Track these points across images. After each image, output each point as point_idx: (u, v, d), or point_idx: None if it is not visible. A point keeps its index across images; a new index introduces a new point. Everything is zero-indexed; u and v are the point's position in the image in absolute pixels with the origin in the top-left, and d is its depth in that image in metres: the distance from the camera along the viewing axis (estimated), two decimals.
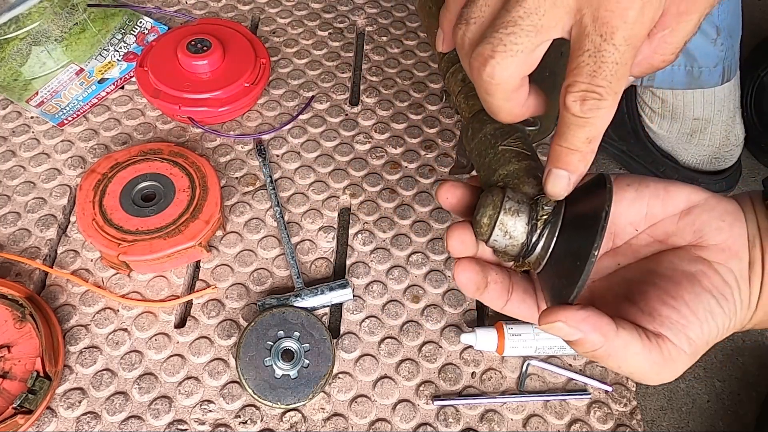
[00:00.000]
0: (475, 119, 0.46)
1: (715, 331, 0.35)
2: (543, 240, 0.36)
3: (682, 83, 0.67)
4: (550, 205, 0.36)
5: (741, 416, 0.63)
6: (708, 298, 0.35)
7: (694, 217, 0.38)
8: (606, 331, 0.33)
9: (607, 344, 0.33)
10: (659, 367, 0.34)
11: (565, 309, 0.33)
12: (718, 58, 0.66)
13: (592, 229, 0.33)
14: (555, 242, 0.36)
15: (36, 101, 0.75)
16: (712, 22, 0.64)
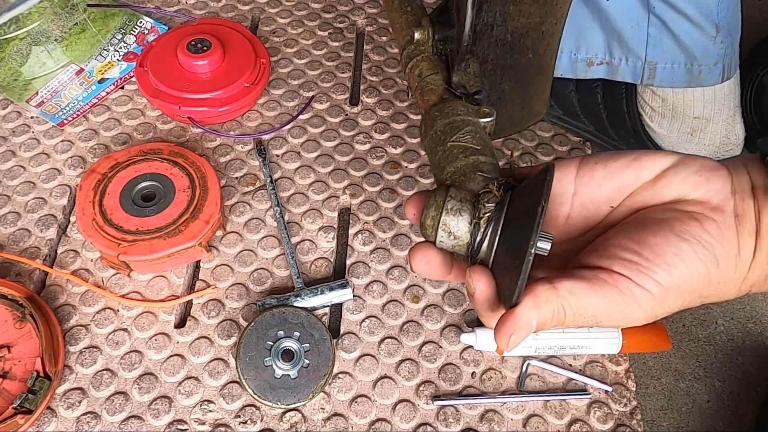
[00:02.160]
0: (428, 115, 0.45)
1: (688, 275, 0.34)
2: (487, 239, 0.35)
3: (683, 81, 0.67)
4: (492, 202, 0.35)
5: (741, 416, 0.63)
6: (677, 241, 0.34)
7: (669, 177, 0.37)
8: (544, 296, 0.33)
9: (555, 303, 0.34)
10: (621, 306, 0.34)
11: (510, 318, 0.34)
12: (718, 56, 0.66)
13: (530, 223, 0.32)
14: (498, 240, 0.35)
15: (36, 101, 0.75)
16: (712, 19, 0.64)
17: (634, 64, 0.68)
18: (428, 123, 0.45)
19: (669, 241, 0.34)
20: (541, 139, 0.76)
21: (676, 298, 0.34)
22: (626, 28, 0.66)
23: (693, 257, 0.34)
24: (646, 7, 0.64)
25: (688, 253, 0.34)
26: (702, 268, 0.34)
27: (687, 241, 0.34)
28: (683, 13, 0.63)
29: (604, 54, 0.69)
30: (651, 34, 0.66)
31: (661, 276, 0.34)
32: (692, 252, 0.34)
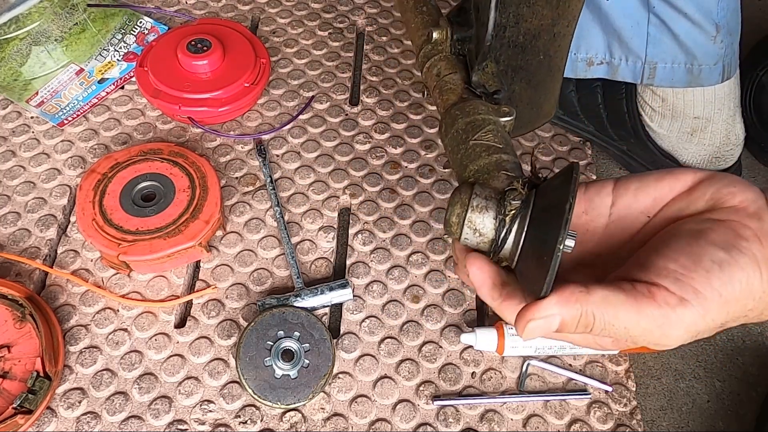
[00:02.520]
0: (448, 114, 0.45)
1: (729, 283, 0.32)
2: (512, 235, 0.35)
3: (683, 81, 0.67)
4: (518, 199, 0.35)
5: (741, 416, 0.63)
6: (714, 250, 0.33)
7: (704, 187, 0.36)
8: (575, 297, 0.33)
9: (585, 308, 0.33)
10: (658, 320, 0.32)
11: (532, 306, 0.33)
12: (718, 56, 0.66)
13: (557, 222, 0.32)
14: (525, 237, 0.35)
15: (36, 101, 0.75)
16: (712, 19, 0.64)
17: (634, 64, 0.68)
18: (449, 122, 0.45)
19: (705, 250, 0.33)
20: (541, 139, 0.76)
21: (719, 309, 0.33)
22: (626, 27, 0.66)
23: (732, 264, 0.33)
24: (647, 6, 0.64)
25: (727, 260, 0.33)
26: (743, 275, 0.33)
27: (724, 249, 0.33)
28: (683, 12, 0.63)
29: (604, 54, 0.69)
30: (651, 34, 0.66)
31: (700, 284, 0.33)
32: (731, 259, 0.33)
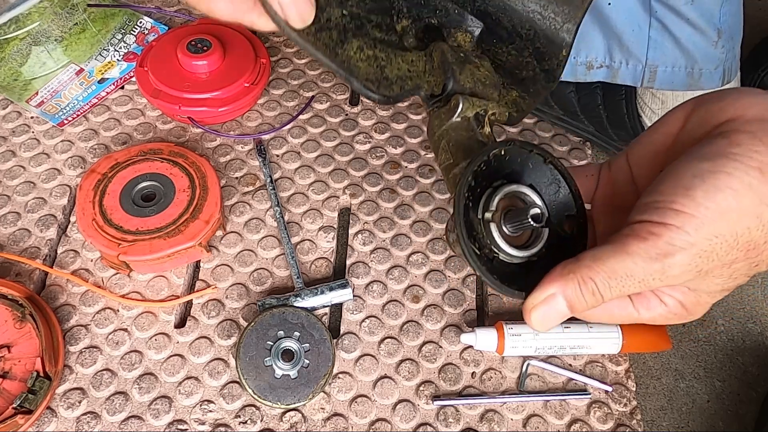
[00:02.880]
0: (447, 172, 0.46)
1: (719, 193, 0.30)
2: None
3: (683, 84, 0.67)
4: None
5: (741, 416, 0.63)
6: (697, 163, 0.31)
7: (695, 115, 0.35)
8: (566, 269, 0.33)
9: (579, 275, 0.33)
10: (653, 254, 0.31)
11: (529, 297, 0.34)
12: (719, 60, 0.66)
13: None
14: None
15: (36, 101, 0.75)
16: (714, 24, 0.64)
17: (635, 67, 0.68)
18: (451, 180, 0.46)
19: (688, 167, 0.31)
20: (541, 140, 0.76)
21: (715, 222, 0.30)
22: (627, 31, 0.66)
23: (717, 172, 0.30)
24: (648, 10, 0.64)
25: (710, 169, 0.30)
26: (733, 181, 0.30)
27: (708, 160, 0.31)
28: (685, 17, 0.63)
29: (604, 57, 0.69)
30: (652, 38, 0.66)
31: (681, 203, 0.30)
32: (715, 167, 0.30)
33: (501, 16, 0.57)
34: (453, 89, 0.48)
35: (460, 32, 0.56)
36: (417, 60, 0.52)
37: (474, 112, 0.46)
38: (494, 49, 0.57)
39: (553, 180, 0.38)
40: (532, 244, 0.37)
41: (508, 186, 0.37)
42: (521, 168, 0.38)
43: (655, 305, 0.36)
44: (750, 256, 0.32)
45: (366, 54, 0.50)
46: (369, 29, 0.52)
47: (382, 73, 0.50)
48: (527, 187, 0.37)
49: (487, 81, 0.49)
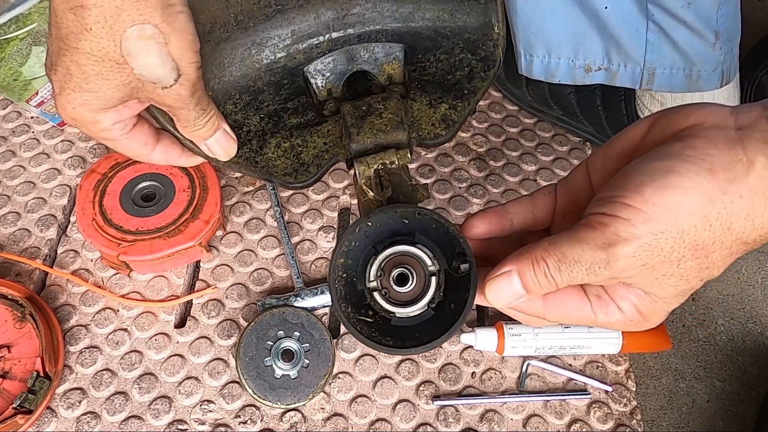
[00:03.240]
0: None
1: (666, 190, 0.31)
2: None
3: (681, 87, 0.67)
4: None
5: (741, 416, 0.63)
6: (650, 163, 0.32)
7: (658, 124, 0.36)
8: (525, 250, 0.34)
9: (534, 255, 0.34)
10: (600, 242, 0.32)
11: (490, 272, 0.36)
12: (717, 62, 0.66)
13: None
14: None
15: (36, 101, 0.75)
16: (712, 27, 0.64)
17: (633, 70, 0.68)
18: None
19: (640, 168, 0.32)
20: (541, 140, 0.76)
21: (663, 219, 0.31)
22: (624, 34, 0.66)
23: (667, 171, 0.31)
24: (645, 14, 0.64)
25: (660, 168, 0.31)
26: (685, 180, 0.31)
27: (661, 160, 0.32)
28: (682, 20, 0.63)
29: (603, 60, 0.69)
30: (650, 41, 0.66)
31: (631, 198, 0.31)
32: (666, 166, 0.31)
33: (418, 30, 0.57)
34: (355, 150, 0.49)
35: (386, 63, 0.56)
36: (333, 128, 0.54)
37: (373, 170, 0.47)
38: (422, 63, 0.57)
39: (437, 225, 0.39)
40: (422, 295, 0.39)
41: (384, 251, 0.39)
42: (402, 222, 0.39)
43: (612, 310, 0.36)
44: (698, 256, 0.32)
45: (283, 148, 0.53)
46: (286, 119, 0.55)
47: (299, 160, 0.53)
48: (409, 244, 0.39)
49: (389, 126, 0.49)
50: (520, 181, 0.72)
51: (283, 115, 0.55)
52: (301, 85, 0.56)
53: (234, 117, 0.53)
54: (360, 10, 0.56)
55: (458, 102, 0.55)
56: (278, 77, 0.55)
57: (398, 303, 0.39)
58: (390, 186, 0.45)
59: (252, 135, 0.53)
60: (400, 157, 0.47)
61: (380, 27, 0.57)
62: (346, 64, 0.56)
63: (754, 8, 0.93)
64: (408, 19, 0.57)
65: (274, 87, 0.55)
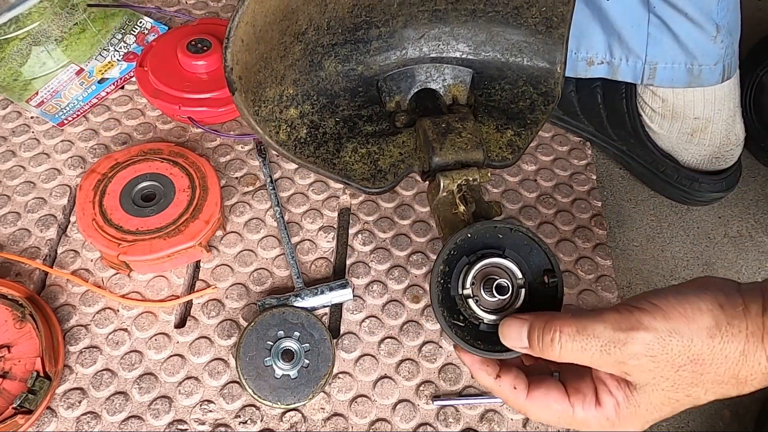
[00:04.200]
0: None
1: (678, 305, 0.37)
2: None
3: (683, 81, 0.67)
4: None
5: (741, 416, 0.63)
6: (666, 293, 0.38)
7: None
8: (547, 315, 0.39)
9: (552, 323, 0.38)
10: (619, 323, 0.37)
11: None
12: (719, 56, 0.66)
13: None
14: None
15: (36, 101, 0.75)
16: (712, 19, 0.64)
17: (635, 64, 0.68)
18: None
19: (663, 289, 0.38)
20: (541, 140, 0.76)
21: (683, 323, 0.36)
22: (626, 27, 0.66)
23: (690, 295, 0.37)
24: (647, 6, 0.64)
25: (684, 291, 0.37)
26: (702, 304, 0.36)
27: (682, 287, 0.39)
28: (683, 12, 0.63)
29: (605, 54, 0.69)
30: (651, 34, 0.66)
31: (657, 300, 0.37)
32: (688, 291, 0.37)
33: (487, 59, 0.62)
34: (437, 164, 0.52)
35: (453, 85, 0.59)
36: (407, 139, 0.57)
37: (456, 184, 0.51)
38: (488, 90, 0.61)
39: (528, 241, 0.43)
40: (510, 305, 0.42)
41: (481, 261, 0.42)
42: (497, 237, 0.43)
43: (589, 404, 0.40)
44: (695, 369, 0.36)
45: (360, 153, 0.56)
46: (361, 126, 0.57)
47: (376, 167, 0.56)
48: (499, 257, 0.42)
49: (469, 146, 0.53)
50: (520, 181, 0.72)
51: (358, 121, 0.58)
52: (374, 95, 0.59)
53: (311, 117, 0.56)
54: (438, 33, 0.61)
55: (522, 130, 0.59)
56: (354, 84, 0.59)
57: (488, 310, 0.43)
58: (473, 202, 0.49)
59: (328, 137, 0.57)
60: (482, 176, 0.51)
61: (453, 51, 0.61)
62: (416, 80, 0.61)
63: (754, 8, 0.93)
64: (480, 47, 0.61)
65: (349, 93, 0.59)
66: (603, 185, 0.77)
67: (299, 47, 0.55)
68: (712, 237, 0.75)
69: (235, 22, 0.47)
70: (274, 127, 0.55)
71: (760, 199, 0.78)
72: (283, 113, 0.55)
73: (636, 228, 0.75)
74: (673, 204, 0.77)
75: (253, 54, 0.51)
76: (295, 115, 0.56)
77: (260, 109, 0.54)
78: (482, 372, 0.43)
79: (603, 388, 0.40)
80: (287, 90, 0.55)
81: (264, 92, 0.54)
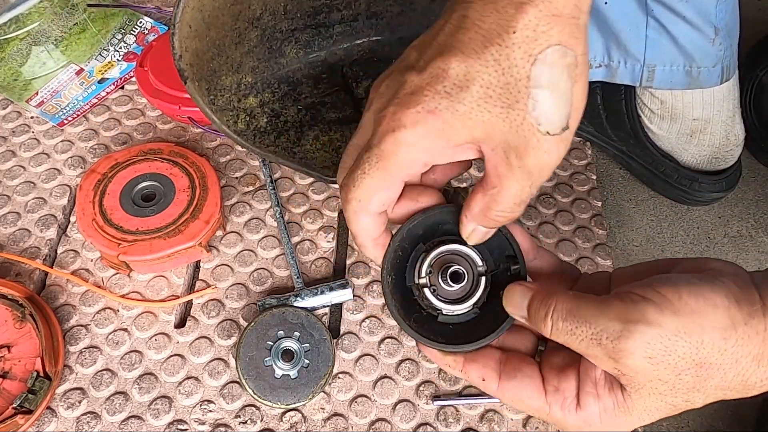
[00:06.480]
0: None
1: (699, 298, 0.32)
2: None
3: (681, 83, 0.67)
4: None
5: (741, 416, 0.63)
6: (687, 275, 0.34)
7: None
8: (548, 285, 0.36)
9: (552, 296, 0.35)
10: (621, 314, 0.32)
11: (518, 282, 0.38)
12: (717, 58, 0.66)
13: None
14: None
15: (36, 101, 0.75)
16: (711, 21, 0.64)
17: (633, 67, 0.68)
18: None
19: (676, 276, 0.34)
20: None
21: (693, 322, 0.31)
22: (624, 30, 0.66)
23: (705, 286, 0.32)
24: (644, 9, 0.64)
25: (699, 282, 0.32)
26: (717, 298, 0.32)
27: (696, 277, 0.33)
28: (681, 15, 0.63)
29: (603, 56, 0.69)
30: (649, 37, 0.66)
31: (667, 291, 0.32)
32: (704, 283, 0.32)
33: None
34: None
35: None
36: None
37: None
38: None
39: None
40: (471, 294, 0.39)
41: (438, 248, 0.39)
42: (456, 222, 0.39)
43: (568, 406, 0.36)
44: (699, 375, 0.32)
45: (321, 141, 0.53)
46: (324, 113, 0.55)
47: (338, 155, 0.53)
48: (458, 243, 0.39)
49: None
50: None
51: (321, 108, 0.55)
52: (339, 81, 0.56)
53: (272, 106, 0.53)
54: (406, 14, 0.57)
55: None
56: (317, 70, 0.56)
57: (446, 301, 0.39)
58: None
59: (290, 125, 0.54)
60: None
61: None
62: (384, 64, 0.58)
63: (754, 8, 0.93)
64: None
65: (313, 80, 0.56)
66: (603, 185, 0.77)
67: (255, 33, 0.52)
68: (712, 237, 0.75)
69: (180, 8, 0.45)
70: (232, 116, 0.52)
71: (760, 199, 0.78)
72: (242, 102, 0.52)
73: (636, 228, 0.75)
74: (673, 204, 0.77)
75: (204, 41, 0.48)
76: (255, 104, 0.53)
77: (216, 98, 0.51)
78: (446, 365, 0.39)
79: (589, 389, 0.35)
80: (245, 78, 0.52)
81: (219, 80, 0.51)
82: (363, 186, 0.35)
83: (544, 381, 0.37)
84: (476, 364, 0.38)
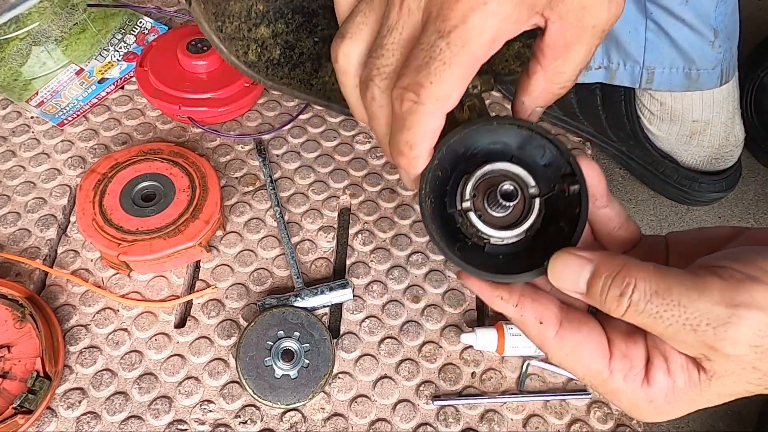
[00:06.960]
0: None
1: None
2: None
3: (681, 85, 0.67)
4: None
5: (741, 416, 0.63)
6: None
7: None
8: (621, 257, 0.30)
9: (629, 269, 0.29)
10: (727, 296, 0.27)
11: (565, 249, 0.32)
12: (717, 60, 0.66)
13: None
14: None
15: (36, 101, 0.75)
16: (710, 24, 0.64)
17: (632, 69, 0.68)
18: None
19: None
20: None
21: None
22: (624, 33, 0.66)
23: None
24: (644, 12, 0.64)
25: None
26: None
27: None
28: (681, 18, 0.63)
29: (602, 58, 0.69)
30: (649, 39, 0.66)
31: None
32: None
33: None
34: None
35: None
36: None
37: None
38: None
39: (540, 141, 0.35)
40: (523, 220, 0.34)
41: (481, 168, 0.34)
42: (502, 141, 0.35)
43: (635, 377, 0.31)
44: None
45: None
46: None
47: None
48: (505, 162, 0.34)
49: None
50: None
51: None
52: None
53: (285, 37, 0.50)
54: None
55: (531, 41, 0.50)
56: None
57: (494, 227, 0.34)
58: (476, 111, 0.39)
59: (305, 57, 0.50)
60: (483, 83, 0.41)
61: None
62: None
63: (754, 9, 0.93)
64: None
65: (330, 11, 0.52)
66: None
67: None
68: None
69: None
70: (242, 46, 0.48)
71: (760, 199, 0.78)
72: (252, 32, 0.49)
73: None
74: (673, 204, 0.77)
75: None
76: (267, 34, 0.49)
77: (224, 24, 0.48)
78: (496, 299, 0.33)
79: (659, 362, 0.30)
80: (256, 6, 0.48)
81: (228, 5, 0.48)
82: (444, 79, 0.31)
83: (610, 343, 0.32)
84: (536, 303, 0.33)
